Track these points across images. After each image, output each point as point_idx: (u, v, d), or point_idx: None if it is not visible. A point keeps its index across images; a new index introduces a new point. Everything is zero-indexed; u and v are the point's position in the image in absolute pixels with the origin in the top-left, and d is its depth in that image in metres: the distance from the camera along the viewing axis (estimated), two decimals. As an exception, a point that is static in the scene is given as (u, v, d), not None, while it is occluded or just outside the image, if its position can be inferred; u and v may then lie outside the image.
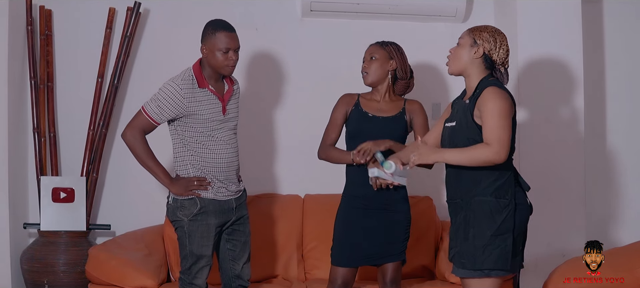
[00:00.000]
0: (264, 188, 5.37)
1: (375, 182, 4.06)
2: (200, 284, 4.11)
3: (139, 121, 4.06)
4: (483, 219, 3.56)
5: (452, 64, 3.74)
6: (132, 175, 5.27)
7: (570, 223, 5.19)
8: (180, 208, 4.08)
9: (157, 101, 4.01)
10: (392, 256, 4.27)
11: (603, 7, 5.80)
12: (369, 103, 4.36)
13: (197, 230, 4.07)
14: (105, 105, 5.24)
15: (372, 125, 4.29)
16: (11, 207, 5.08)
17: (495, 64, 3.66)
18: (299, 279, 5.05)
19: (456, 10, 5.50)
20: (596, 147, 5.72)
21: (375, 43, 4.39)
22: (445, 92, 5.58)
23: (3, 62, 5.06)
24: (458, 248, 3.65)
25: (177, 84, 4.01)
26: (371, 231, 4.25)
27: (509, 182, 3.61)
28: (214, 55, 4.05)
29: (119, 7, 5.32)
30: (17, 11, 5.17)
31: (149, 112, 4.03)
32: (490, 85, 3.58)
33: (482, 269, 3.56)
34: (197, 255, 4.08)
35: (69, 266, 5.01)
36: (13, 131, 5.14)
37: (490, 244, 3.54)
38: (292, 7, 5.54)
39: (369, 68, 4.31)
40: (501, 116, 3.50)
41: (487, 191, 3.57)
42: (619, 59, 5.81)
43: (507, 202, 3.58)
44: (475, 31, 3.69)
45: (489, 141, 3.49)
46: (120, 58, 5.25)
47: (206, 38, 4.08)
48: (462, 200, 3.64)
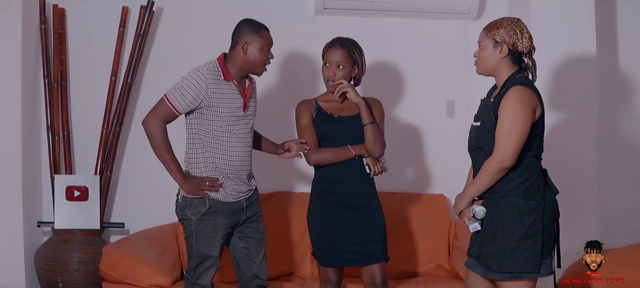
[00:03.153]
0: (278, 186, 5.37)
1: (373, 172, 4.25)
2: (204, 285, 4.07)
3: (161, 109, 3.98)
4: (511, 221, 3.49)
5: (480, 67, 3.67)
6: (146, 174, 5.28)
7: (584, 221, 5.17)
8: (189, 207, 4.05)
9: (181, 89, 3.96)
10: (375, 256, 4.26)
11: (616, 4, 5.78)
12: (329, 105, 4.35)
13: (204, 230, 4.03)
14: (119, 103, 5.25)
15: (339, 126, 4.30)
16: (25, 205, 5.09)
17: (522, 55, 3.60)
18: (313, 277, 5.04)
19: (469, 7, 5.48)
20: (610, 144, 5.69)
21: (339, 47, 4.29)
22: (458, 89, 5.57)
23: (17, 61, 5.07)
24: (485, 249, 3.57)
25: (203, 73, 3.98)
26: (352, 231, 4.25)
27: (538, 183, 3.54)
28: (255, 51, 4.04)
29: (132, 6, 5.32)
30: (30, 10, 5.17)
31: (171, 100, 3.97)
32: (516, 84, 3.52)
33: (510, 272, 3.50)
34: (204, 255, 4.04)
35: (83, 264, 5.02)
36: (27, 130, 5.15)
37: (518, 247, 3.47)
38: (305, 5, 5.55)
39: (336, 76, 4.27)
40: (514, 119, 3.45)
41: (516, 192, 3.50)
42: (633, 56, 5.79)
43: (536, 203, 3.50)
44: (493, 30, 3.60)
45: (495, 147, 3.48)
46: (133, 56, 5.26)
47: (246, 34, 4.06)
48: (490, 199, 3.57)
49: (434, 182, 5.57)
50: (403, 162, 5.55)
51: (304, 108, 4.36)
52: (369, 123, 4.22)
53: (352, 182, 4.27)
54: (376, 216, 4.29)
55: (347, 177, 4.26)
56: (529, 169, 3.53)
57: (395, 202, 5.24)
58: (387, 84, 5.52)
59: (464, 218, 3.66)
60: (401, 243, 5.13)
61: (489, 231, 3.56)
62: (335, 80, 4.27)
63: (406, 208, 5.28)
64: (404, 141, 5.54)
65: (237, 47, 4.08)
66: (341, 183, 4.25)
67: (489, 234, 3.56)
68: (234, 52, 4.09)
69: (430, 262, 5.16)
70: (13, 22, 5.06)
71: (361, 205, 4.27)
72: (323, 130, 4.32)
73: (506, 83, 3.57)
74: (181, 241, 5.06)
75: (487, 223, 3.57)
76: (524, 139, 3.48)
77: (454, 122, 5.60)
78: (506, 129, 3.46)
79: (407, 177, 5.61)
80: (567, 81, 5.23)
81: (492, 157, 3.49)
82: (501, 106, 3.50)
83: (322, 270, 4.34)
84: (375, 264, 4.25)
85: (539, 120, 3.57)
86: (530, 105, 3.49)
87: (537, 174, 3.56)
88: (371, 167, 4.27)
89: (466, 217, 3.64)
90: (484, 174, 3.53)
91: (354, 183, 4.27)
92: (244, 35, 4.06)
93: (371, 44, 4.80)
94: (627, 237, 5.56)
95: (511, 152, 3.45)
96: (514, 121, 3.46)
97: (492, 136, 3.52)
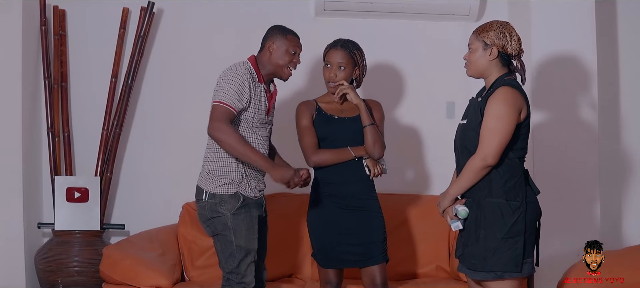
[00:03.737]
0: (279, 187, 5.34)
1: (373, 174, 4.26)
2: (250, 282, 3.97)
3: (221, 113, 3.90)
4: (494, 221, 3.55)
5: (470, 69, 3.73)
6: (147, 175, 5.29)
7: (584, 223, 5.17)
8: (221, 203, 3.97)
9: (230, 90, 3.91)
10: (375, 257, 4.26)
11: (617, 4, 5.77)
12: (329, 106, 4.37)
13: (242, 223, 3.97)
14: (119, 105, 5.25)
15: (338, 128, 4.31)
16: (25, 206, 5.09)
17: (511, 58, 3.64)
18: (313, 278, 5.04)
19: (469, 9, 5.48)
20: (610, 145, 5.69)
21: (340, 48, 4.32)
22: (458, 90, 5.57)
23: (17, 62, 5.08)
24: (468, 249, 3.63)
25: (243, 73, 3.98)
26: (351, 232, 4.25)
27: (520, 184, 3.59)
28: (281, 53, 4.09)
29: (133, 7, 5.33)
30: (30, 11, 5.18)
31: (227, 101, 3.90)
32: (503, 85, 3.57)
33: (493, 271, 3.55)
34: (246, 249, 3.96)
35: (83, 266, 5.02)
36: (27, 131, 5.16)
37: (500, 247, 3.53)
38: (305, 7, 5.55)
39: (337, 78, 4.29)
40: (499, 119, 3.50)
41: (498, 192, 3.56)
42: (633, 56, 5.78)
43: (518, 204, 3.55)
44: (482, 33, 3.65)
45: (479, 146, 3.53)
46: (134, 58, 5.26)
47: (275, 37, 4.12)
48: (473, 199, 3.62)
49: (433, 183, 5.57)
50: (403, 163, 5.55)
51: (304, 109, 4.37)
52: (368, 124, 4.23)
53: (351, 183, 4.27)
54: (376, 217, 4.30)
55: (346, 178, 4.27)
56: (512, 170, 3.58)
57: (395, 203, 5.24)
58: (387, 85, 5.52)
59: (446, 216, 3.71)
60: (401, 245, 5.13)
61: (472, 231, 3.61)
62: (336, 82, 4.28)
63: (406, 210, 5.27)
64: (404, 142, 5.53)
65: (264, 48, 4.13)
66: (341, 185, 4.26)
67: (472, 234, 3.61)
68: (262, 53, 4.14)
69: (430, 264, 5.16)
70: (13, 23, 5.06)
71: (360, 207, 4.28)
72: (323, 131, 4.32)
73: (494, 84, 3.63)
74: (181, 242, 5.07)
75: (470, 224, 3.63)
76: (507, 139, 3.52)
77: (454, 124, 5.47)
78: (490, 127, 3.52)
79: (407, 178, 5.60)
80: (568, 82, 5.23)
81: (475, 155, 3.55)
82: (487, 105, 3.56)
83: (322, 271, 4.34)
84: (375, 265, 4.25)
85: (524, 122, 3.61)
86: (516, 106, 3.54)
87: (520, 175, 3.61)
88: (371, 169, 4.28)
89: (448, 216, 3.69)
90: (467, 172, 3.59)
91: (354, 184, 4.28)
92: (271, 37, 4.13)
93: (371, 45, 4.80)
94: (627, 239, 5.57)
95: (494, 151, 3.50)
96: (498, 121, 3.51)
97: (477, 134, 3.58)
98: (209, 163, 4.07)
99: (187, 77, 5.46)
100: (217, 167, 4.03)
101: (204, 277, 4.97)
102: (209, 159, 4.08)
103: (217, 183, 4.01)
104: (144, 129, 5.45)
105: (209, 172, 4.05)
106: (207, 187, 4.03)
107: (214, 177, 4.02)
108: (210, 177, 4.03)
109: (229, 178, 4.01)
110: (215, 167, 4.04)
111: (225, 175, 4.01)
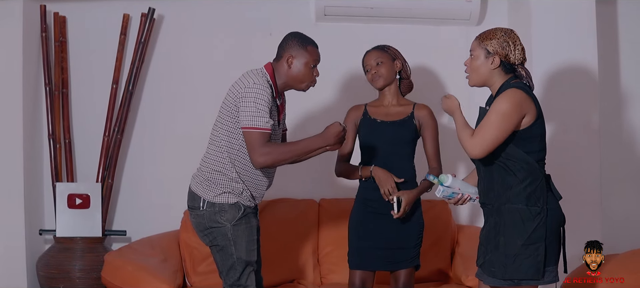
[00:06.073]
0: (279, 192, 5.36)
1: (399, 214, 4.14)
2: None
3: (258, 140, 3.72)
4: (513, 227, 3.47)
5: (472, 77, 3.64)
6: (148, 181, 5.29)
7: (586, 227, 5.15)
8: (221, 213, 3.81)
9: (260, 111, 3.73)
10: (404, 262, 4.26)
11: (617, 9, 5.77)
12: (377, 110, 4.36)
13: (243, 235, 3.82)
14: (120, 111, 5.25)
15: (381, 131, 4.30)
16: (27, 213, 5.09)
17: (515, 66, 3.56)
18: (315, 284, 5.04)
19: (470, 13, 5.48)
20: (612, 149, 5.68)
21: (373, 49, 4.37)
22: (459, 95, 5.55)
23: (18, 69, 5.08)
24: (488, 256, 3.56)
25: (264, 88, 3.76)
26: (383, 235, 4.24)
27: (541, 189, 3.50)
28: (301, 67, 3.91)
29: (133, 14, 5.33)
30: (31, 18, 5.18)
31: (260, 125, 3.72)
32: (510, 88, 3.49)
33: (512, 279, 3.47)
34: (246, 262, 3.82)
35: (85, 272, 5.02)
36: (28, 137, 5.16)
37: (521, 254, 3.45)
38: (306, 12, 5.55)
39: (379, 72, 4.30)
40: (498, 115, 3.42)
41: (518, 198, 3.47)
42: (635, 60, 5.78)
43: (539, 209, 3.47)
44: (485, 40, 3.56)
45: (476, 133, 3.47)
46: (134, 64, 5.26)
47: (292, 48, 3.91)
48: (493, 206, 3.55)
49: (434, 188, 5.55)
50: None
51: (351, 113, 4.42)
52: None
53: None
54: (412, 223, 4.28)
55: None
56: (532, 174, 3.49)
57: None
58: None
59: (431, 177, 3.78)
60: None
61: (491, 238, 3.54)
62: (380, 75, 4.29)
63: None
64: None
65: (281, 60, 3.93)
66: (377, 191, 4.23)
67: (491, 241, 3.54)
68: (279, 64, 3.94)
69: (432, 268, 5.15)
70: (14, 29, 5.08)
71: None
72: (365, 134, 4.35)
73: (500, 89, 3.54)
74: (183, 248, 5.06)
75: (489, 231, 3.56)
76: (502, 138, 3.44)
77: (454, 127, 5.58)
78: (490, 120, 3.44)
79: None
80: (569, 86, 5.23)
81: (472, 138, 3.47)
82: (493, 102, 3.50)
83: (350, 274, 4.33)
84: (403, 270, 4.26)
85: (536, 122, 3.52)
86: (520, 108, 3.45)
87: (540, 179, 3.51)
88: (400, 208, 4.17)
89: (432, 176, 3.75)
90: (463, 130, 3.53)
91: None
92: (290, 49, 3.92)
93: (372, 50, 4.80)
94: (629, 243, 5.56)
95: (485, 144, 3.44)
96: (497, 116, 3.42)
97: None
98: (208, 171, 3.88)
99: (188, 82, 5.46)
100: (216, 175, 3.85)
101: (205, 283, 4.96)
102: (208, 165, 3.89)
103: (216, 191, 3.84)
104: (145, 135, 5.45)
105: (207, 179, 3.87)
106: (206, 195, 3.85)
107: (212, 184, 3.85)
108: (208, 183, 3.86)
109: (229, 188, 3.84)
110: (214, 174, 3.86)
111: (226, 185, 3.84)
